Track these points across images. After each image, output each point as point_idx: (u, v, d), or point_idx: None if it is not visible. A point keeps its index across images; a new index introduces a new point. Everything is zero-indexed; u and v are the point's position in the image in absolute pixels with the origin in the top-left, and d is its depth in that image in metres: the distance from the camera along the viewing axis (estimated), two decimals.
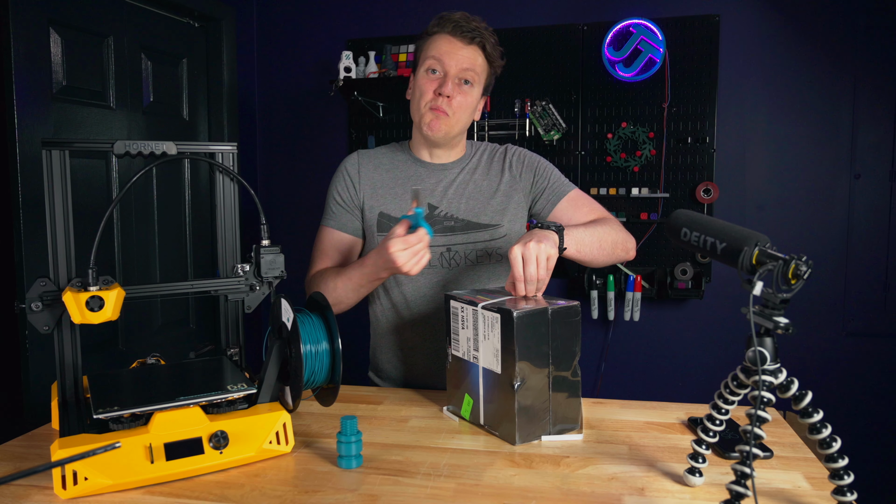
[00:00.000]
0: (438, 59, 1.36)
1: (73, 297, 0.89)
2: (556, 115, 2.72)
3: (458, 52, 1.35)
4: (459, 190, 1.44)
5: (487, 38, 1.37)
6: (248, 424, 0.96)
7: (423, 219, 1.18)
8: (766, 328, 0.76)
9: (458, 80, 1.36)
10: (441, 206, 1.43)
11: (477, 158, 1.50)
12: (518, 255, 1.12)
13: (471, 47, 1.36)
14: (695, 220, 0.86)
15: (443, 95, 1.35)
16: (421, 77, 1.39)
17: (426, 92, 1.37)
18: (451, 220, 1.42)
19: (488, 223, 1.43)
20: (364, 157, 1.50)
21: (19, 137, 1.91)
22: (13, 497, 0.86)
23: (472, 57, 1.36)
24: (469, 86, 1.38)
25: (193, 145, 1.08)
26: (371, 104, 2.87)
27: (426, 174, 1.45)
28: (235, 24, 2.88)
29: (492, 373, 1.06)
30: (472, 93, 1.39)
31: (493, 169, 1.48)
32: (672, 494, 0.87)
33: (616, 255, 1.37)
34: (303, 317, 1.10)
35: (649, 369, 2.80)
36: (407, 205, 1.42)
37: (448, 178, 1.45)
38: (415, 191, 1.21)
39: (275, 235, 1.12)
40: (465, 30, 1.35)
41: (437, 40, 1.37)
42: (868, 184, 2.57)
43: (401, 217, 1.24)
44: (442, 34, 1.37)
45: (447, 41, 1.36)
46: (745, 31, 2.62)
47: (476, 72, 1.37)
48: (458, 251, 1.41)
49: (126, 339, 2.36)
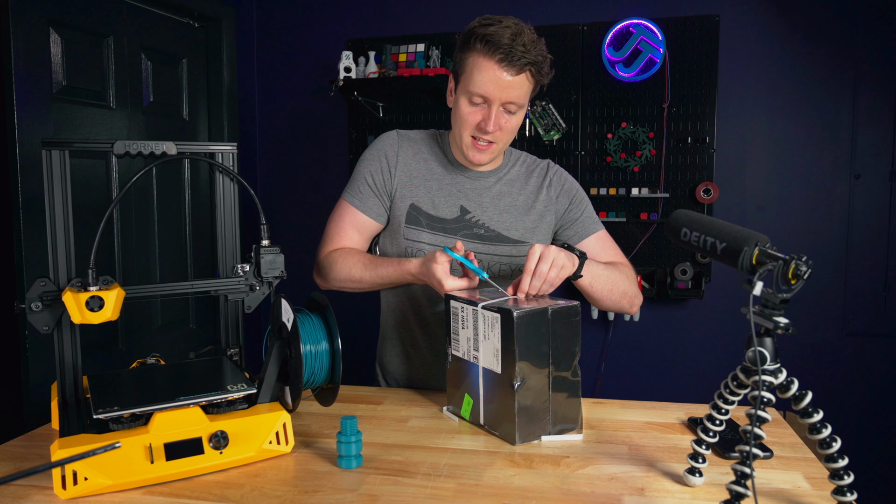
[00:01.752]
0: (482, 94, 1.25)
1: (73, 297, 0.89)
2: (556, 115, 2.72)
3: (503, 85, 1.23)
4: (495, 200, 1.41)
5: (535, 60, 1.23)
6: (248, 424, 0.96)
7: (479, 275, 1.20)
8: (766, 328, 0.76)
9: (503, 108, 1.27)
10: (474, 212, 1.39)
11: (516, 170, 1.45)
12: (538, 251, 1.13)
13: (519, 76, 1.24)
14: (695, 220, 0.86)
15: (487, 132, 1.28)
16: (463, 104, 1.29)
17: (468, 123, 1.29)
18: (482, 229, 1.39)
19: (518, 239, 1.40)
20: (404, 141, 1.43)
21: (19, 137, 1.91)
22: (13, 497, 0.86)
23: (519, 87, 1.25)
24: (515, 113, 1.29)
25: (193, 145, 1.08)
26: (371, 104, 2.87)
27: (462, 177, 1.41)
28: (235, 24, 2.88)
29: (492, 373, 1.06)
30: (518, 116, 1.31)
31: (531, 185, 1.43)
32: (672, 494, 0.87)
33: (621, 304, 1.37)
34: (303, 317, 1.10)
35: (649, 369, 2.80)
36: (438, 202, 1.39)
37: (484, 186, 1.41)
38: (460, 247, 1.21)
39: (275, 235, 1.12)
40: (514, 58, 1.21)
41: (482, 67, 1.23)
42: (868, 184, 2.57)
43: (456, 257, 1.19)
44: (488, 60, 1.22)
45: (491, 71, 1.23)
46: (745, 31, 2.62)
47: (523, 96, 1.28)
48: (483, 261, 1.38)
49: (126, 339, 2.36)
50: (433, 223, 1.38)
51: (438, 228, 1.38)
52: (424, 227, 1.38)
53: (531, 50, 1.22)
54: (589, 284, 1.27)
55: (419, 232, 1.38)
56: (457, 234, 1.38)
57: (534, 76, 1.26)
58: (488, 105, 1.27)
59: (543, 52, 1.26)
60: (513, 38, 1.21)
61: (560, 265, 1.14)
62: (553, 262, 1.12)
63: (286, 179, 3.09)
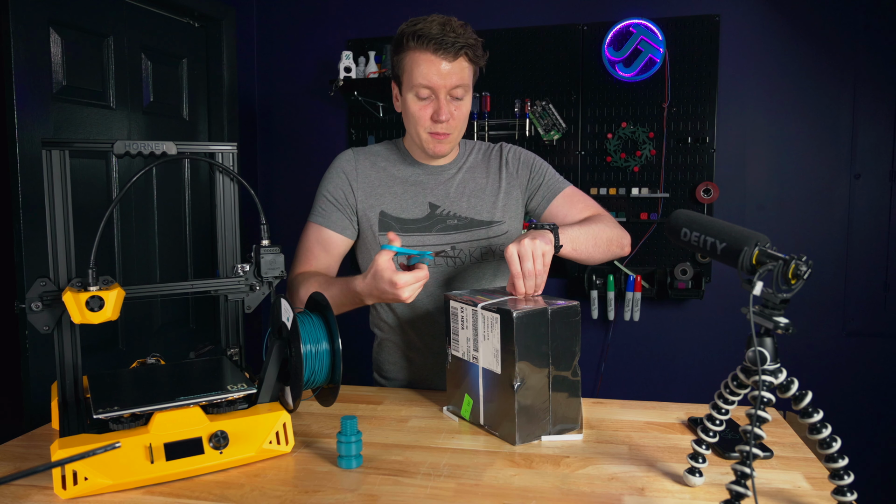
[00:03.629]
0: (426, 86, 1.29)
1: (73, 297, 0.89)
2: (556, 115, 2.72)
3: (445, 72, 1.28)
4: (460, 189, 1.44)
5: (468, 42, 1.28)
6: (248, 424, 0.96)
7: (424, 257, 1.17)
8: (766, 328, 0.76)
9: (448, 96, 1.31)
10: (443, 206, 1.42)
11: (473, 157, 1.49)
12: (514, 252, 1.12)
13: (457, 61, 1.29)
14: (695, 220, 0.86)
15: (441, 122, 1.31)
16: (411, 102, 1.33)
17: (421, 119, 1.33)
18: (455, 219, 1.42)
19: (490, 220, 1.43)
20: (360, 155, 1.47)
21: (19, 137, 1.91)
22: (13, 497, 0.86)
23: (460, 71, 1.29)
24: (462, 99, 1.33)
25: (193, 145, 1.08)
26: (371, 104, 2.87)
27: (424, 175, 1.45)
28: (235, 24, 2.88)
29: (491, 373, 1.06)
30: (466, 101, 1.35)
31: (492, 167, 1.48)
32: (672, 494, 0.87)
33: (612, 251, 1.37)
34: (303, 317, 1.10)
35: (649, 369, 2.80)
36: (406, 205, 1.41)
37: (446, 178, 1.45)
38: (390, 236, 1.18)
39: (275, 235, 1.12)
40: (447, 45, 1.26)
41: (419, 61, 1.29)
42: (868, 184, 2.57)
43: (398, 251, 1.18)
44: (423, 53, 1.28)
45: (430, 63, 1.28)
46: (745, 31, 2.62)
47: (466, 82, 1.32)
48: (462, 248, 1.41)
49: (126, 339, 2.36)
50: (405, 226, 1.40)
51: (412, 229, 1.39)
52: (398, 231, 1.39)
53: (462, 35, 1.28)
54: (573, 249, 1.28)
55: None
56: (430, 231, 1.39)
57: (470, 59, 1.31)
58: (435, 96, 1.31)
59: (474, 35, 1.31)
60: (442, 28, 1.27)
61: (540, 252, 1.13)
62: (532, 255, 1.12)
63: (286, 179, 3.09)
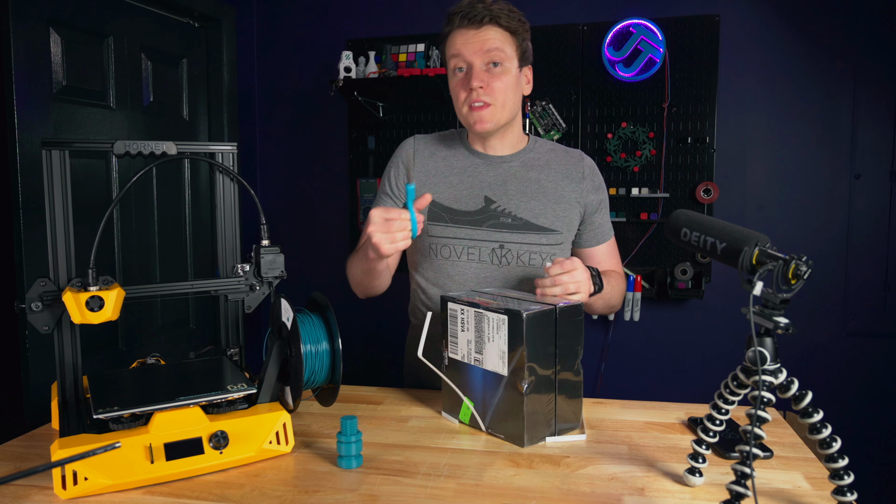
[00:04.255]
0: (458, 56, 1.32)
1: (73, 297, 0.89)
2: (556, 115, 2.72)
3: (473, 40, 1.30)
4: (521, 187, 1.38)
5: (498, 13, 1.30)
6: (248, 424, 0.96)
7: (411, 198, 1.14)
8: (766, 328, 0.76)
9: (484, 66, 1.31)
10: (499, 202, 1.37)
11: (543, 156, 1.43)
12: (577, 264, 1.18)
13: (484, 28, 1.30)
14: (695, 220, 0.86)
15: (475, 89, 1.30)
16: (451, 80, 1.36)
17: (459, 92, 1.33)
18: (509, 218, 1.37)
19: (549, 227, 1.37)
20: (420, 143, 1.45)
21: (19, 137, 1.91)
22: (13, 497, 0.86)
23: (488, 39, 1.30)
24: (499, 66, 1.31)
25: (193, 145, 1.08)
26: (371, 104, 2.87)
27: (483, 166, 1.40)
28: (235, 24, 2.88)
29: (497, 375, 1.05)
30: (507, 70, 1.32)
31: (561, 172, 1.41)
32: (672, 494, 0.87)
33: (605, 312, 1.44)
34: (303, 317, 1.10)
35: (649, 369, 2.80)
36: (460, 195, 1.38)
37: (507, 172, 1.40)
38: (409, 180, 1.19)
39: (275, 235, 1.12)
40: (470, 16, 1.29)
41: (452, 38, 1.33)
42: (868, 184, 2.57)
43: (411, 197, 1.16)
44: (454, 30, 1.33)
45: (460, 35, 1.32)
46: (745, 31, 2.62)
47: (500, 48, 1.30)
48: (511, 250, 1.36)
49: (126, 339, 2.36)
50: (456, 216, 1.37)
51: (463, 221, 1.37)
52: (448, 221, 1.37)
53: (492, 7, 1.30)
54: (593, 301, 1.31)
55: (443, 227, 1.37)
56: (482, 226, 1.37)
57: (504, 27, 1.31)
58: (468, 66, 1.32)
59: (509, 6, 1.32)
60: (471, 4, 1.31)
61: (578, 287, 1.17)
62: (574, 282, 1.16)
63: (286, 179, 3.09)
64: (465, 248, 1.37)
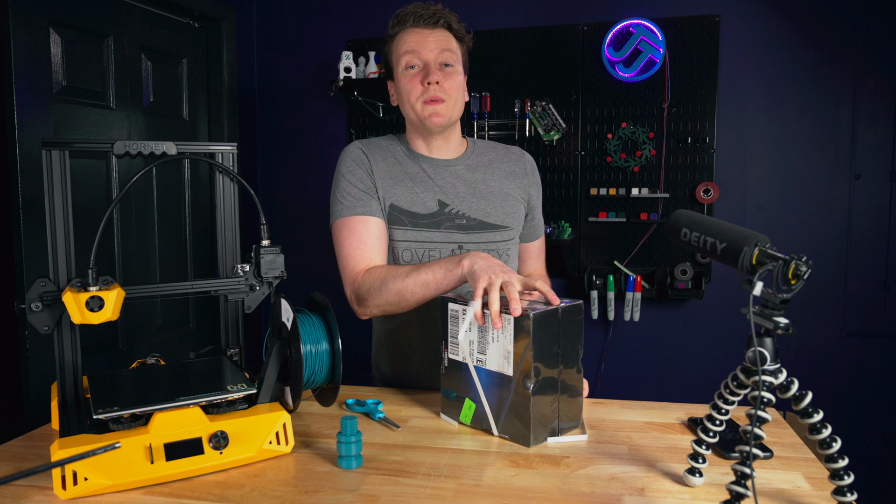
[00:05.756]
0: (413, 52, 1.34)
1: (72, 298, 0.89)
2: (556, 115, 2.72)
3: (427, 39, 1.34)
4: (469, 189, 1.41)
5: (449, 17, 1.36)
6: (248, 425, 0.96)
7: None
8: (766, 328, 0.76)
9: (439, 65, 1.34)
10: (452, 204, 1.39)
11: (486, 157, 1.46)
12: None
13: (437, 30, 1.35)
14: (695, 220, 0.86)
15: (432, 84, 1.33)
16: (402, 77, 1.37)
17: (413, 88, 1.35)
18: (463, 219, 1.39)
19: (501, 224, 1.41)
20: (367, 146, 1.43)
21: (19, 137, 1.91)
22: (13, 497, 0.86)
23: (443, 39, 1.35)
24: (451, 67, 1.36)
25: (193, 145, 1.08)
26: (371, 104, 2.87)
27: (431, 169, 1.42)
28: (235, 24, 2.88)
29: (501, 375, 1.04)
30: (457, 72, 1.37)
31: (504, 169, 1.46)
32: (672, 494, 0.87)
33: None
34: (303, 317, 1.10)
35: (649, 369, 2.80)
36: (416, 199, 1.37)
37: (453, 175, 1.42)
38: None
39: (275, 235, 1.12)
40: (425, 17, 1.34)
41: (403, 37, 1.36)
42: (868, 184, 2.57)
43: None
44: (405, 29, 1.36)
45: (413, 33, 1.35)
46: (745, 31, 2.62)
47: (452, 51, 1.36)
48: (469, 249, 1.38)
49: (126, 339, 2.36)
50: (416, 220, 1.38)
51: (422, 224, 1.38)
52: (408, 225, 1.37)
53: (443, 11, 1.36)
54: None
55: (404, 231, 1.37)
56: (439, 228, 1.38)
57: (453, 32, 1.37)
58: (423, 62, 1.35)
59: (455, 15, 1.38)
60: (418, 6, 1.36)
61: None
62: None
63: (286, 179, 3.09)
64: (426, 250, 1.38)
